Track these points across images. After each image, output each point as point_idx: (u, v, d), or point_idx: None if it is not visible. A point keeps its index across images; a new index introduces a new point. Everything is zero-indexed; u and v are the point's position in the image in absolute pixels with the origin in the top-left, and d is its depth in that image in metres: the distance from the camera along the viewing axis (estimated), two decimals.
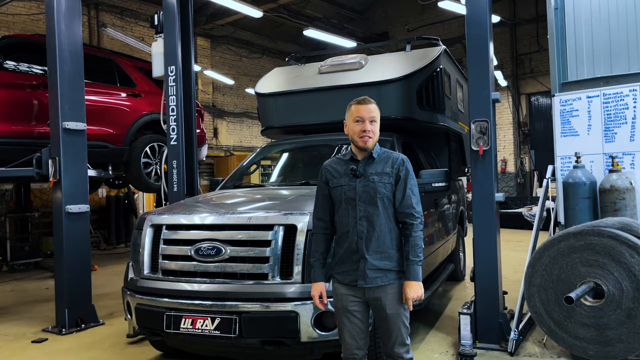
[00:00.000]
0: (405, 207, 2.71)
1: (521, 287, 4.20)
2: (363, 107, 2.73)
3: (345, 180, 2.74)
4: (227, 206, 3.83)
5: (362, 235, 2.67)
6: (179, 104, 5.57)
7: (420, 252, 2.70)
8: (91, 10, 13.44)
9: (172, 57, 5.56)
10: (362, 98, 2.76)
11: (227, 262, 3.33)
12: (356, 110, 2.73)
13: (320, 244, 2.86)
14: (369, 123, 2.70)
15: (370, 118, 2.71)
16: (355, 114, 2.73)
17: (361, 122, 2.71)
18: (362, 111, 2.71)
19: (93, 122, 6.38)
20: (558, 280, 2.46)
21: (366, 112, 2.71)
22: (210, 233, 3.42)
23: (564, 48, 4.20)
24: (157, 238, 3.64)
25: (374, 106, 2.76)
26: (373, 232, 2.66)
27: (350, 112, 2.77)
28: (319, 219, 2.87)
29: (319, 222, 2.87)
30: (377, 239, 2.67)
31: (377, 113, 2.76)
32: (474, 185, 4.34)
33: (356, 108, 2.74)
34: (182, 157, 5.58)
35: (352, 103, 2.79)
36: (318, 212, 2.88)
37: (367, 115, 2.71)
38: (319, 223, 2.87)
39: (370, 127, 2.71)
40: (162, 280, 3.52)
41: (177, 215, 3.63)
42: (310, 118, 5.47)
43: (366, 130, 2.69)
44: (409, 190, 2.72)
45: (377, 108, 2.78)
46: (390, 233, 2.70)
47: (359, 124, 2.71)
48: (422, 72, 5.36)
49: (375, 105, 2.77)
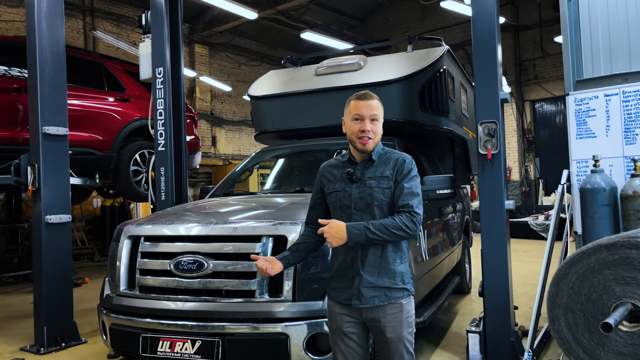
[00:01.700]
0: (403, 208, 2.31)
1: (535, 303, 3.86)
2: (363, 103, 2.38)
3: (340, 186, 2.42)
4: (212, 215, 3.50)
5: (357, 248, 2.34)
6: (167, 107, 5.26)
7: (383, 233, 2.24)
8: (86, 17, 13.22)
9: (160, 59, 5.26)
10: (363, 92, 2.42)
11: (209, 277, 3.00)
12: (355, 107, 2.39)
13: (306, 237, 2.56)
14: (369, 122, 2.36)
15: (371, 116, 2.37)
16: (354, 111, 2.39)
17: (360, 120, 2.37)
18: (362, 108, 2.37)
19: (79, 127, 6.08)
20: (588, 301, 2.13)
21: (367, 109, 2.37)
22: (192, 245, 3.08)
23: (579, 43, 3.89)
24: (135, 251, 3.31)
25: (377, 102, 2.41)
26: (370, 245, 2.33)
27: (349, 109, 2.43)
28: (309, 224, 2.58)
29: (309, 227, 2.57)
30: (374, 252, 2.34)
31: (379, 110, 2.41)
32: (481, 192, 4.01)
33: (355, 104, 2.40)
34: (170, 164, 5.26)
35: (351, 98, 2.44)
36: (309, 217, 2.58)
37: (368, 112, 2.36)
38: (309, 228, 2.57)
39: (371, 126, 2.36)
40: (139, 298, 3.18)
41: (157, 226, 3.30)
42: (306, 122, 5.16)
43: (365, 131, 2.35)
44: (407, 190, 2.34)
45: (380, 104, 2.44)
46: (391, 245, 2.36)
47: (357, 122, 2.37)
48: (425, 73, 5.05)
49: (378, 102, 2.43)
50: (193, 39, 15.73)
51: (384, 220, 2.29)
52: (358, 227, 2.25)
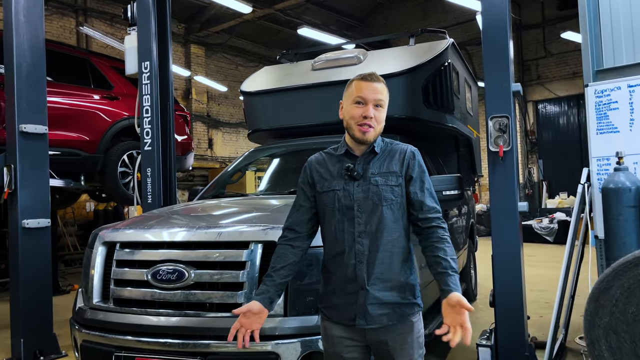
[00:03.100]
0: (428, 212, 2.05)
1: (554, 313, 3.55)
2: (368, 85, 2.03)
3: (339, 183, 2.07)
4: (196, 219, 3.16)
5: (362, 258, 1.99)
6: (154, 104, 4.93)
7: (457, 263, 2.05)
8: (79, 16, 12.91)
9: (146, 52, 4.94)
10: (369, 73, 2.08)
11: (191, 289, 2.66)
12: (358, 89, 2.05)
13: (279, 257, 2.12)
14: (372, 107, 2.02)
15: (375, 101, 2.03)
16: (356, 93, 2.04)
17: (363, 104, 2.03)
18: (365, 90, 2.03)
19: (63, 126, 5.76)
20: (636, 321, 1.81)
21: (371, 92, 2.03)
22: (171, 253, 2.75)
23: (598, 30, 3.57)
24: (110, 259, 2.98)
25: (383, 86, 2.07)
26: (377, 253, 1.99)
27: (350, 91, 2.09)
28: (289, 228, 2.18)
29: (289, 232, 2.17)
30: (382, 262, 2.00)
31: (385, 96, 2.08)
32: (492, 193, 3.68)
33: (358, 85, 2.05)
34: (157, 164, 4.92)
35: (353, 78, 2.11)
36: (290, 219, 2.19)
37: (373, 96, 2.02)
38: (288, 234, 2.17)
39: (375, 112, 2.02)
40: (113, 312, 2.84)
41: (133, 231, 2.97)
42: (302, 119, 4.83)
43: (368, 117, 2.01)
44: (427, 191, 2.07)
45: (387, 90, 2.10)
46: (401, 253, 2.03)
47: (359, 106, 2.03)
48: (429, 66, 4.73)
49: (384, 86, 2.09)
50: (189, 39, 15.42)
51: (449, 256, 2.00)
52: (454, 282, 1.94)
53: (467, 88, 6.49)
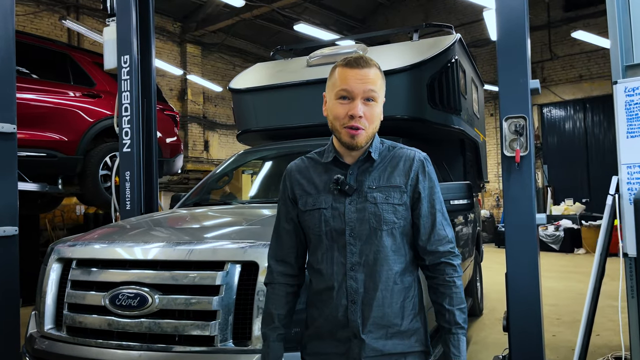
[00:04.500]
0: (438, 243, 1.61)
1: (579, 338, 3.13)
2: (354, 73, 1.55)
3: (326, 200, 1.61)
4: (167, 232, 2.74)
5: (355, 297, 1.56)
6: (134, 102, 4.51)
7: (466, 312, 1.63)
8: (71, 14, 12.53)
9: (126, 45, 4.52)
10: (355, 56, 1.60)
11: (156, 317, 2.24)
12: (342, 78, 1.57)
13: (278, 301, 1.72)
14: (361, 103, 1.55)
15: (365, 93, 1.55)
16: (339, 85, 1.57)
17: (348, 99, 1.56)
18: (352, 80, 1.55)
19: (38, 126, 5.33)
20: None
21: (359, 82, 1.55)
22: (133, 273, 2.32)
23: (627, 21, 3.15)
24: (65, 278, 2.56)
25: (375, 72, 1.59)
26: (375, 292, 1.56)
27: (332, 81, 1.62)
28: (277, 260, 1.75)
29: (278, 265, 1.74)
30: (381, 303, 1.56)
31: (379, 85, 1.59)
32: (507, 204, 3.26)
33: (342, 74, 1.57)
34: (137, 167, 4.50)
35: (336, 64, 1.63)
36: (277, 248, 1.76)
37: (361, 87, 1.54)
38: (278, 267, 1.74)
39: (365, 109, 1.56)
40: (65, 342, 2.42)
41: (92, 246, 2.55)
42: (295, 119, 4.42)
43: (355, 117, 1.54)
44: (439, 214, 1.63)
45: (381, 76, 1.63)
46: (404, 290, 1.59)
47: (344, 103, 1.56)
48: (434, 62, 4.32)
49: (378, 71, 1.62)
50: (185, 39, 15.03)
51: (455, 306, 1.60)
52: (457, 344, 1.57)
53: (474, 88, 6.08)
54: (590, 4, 13.76)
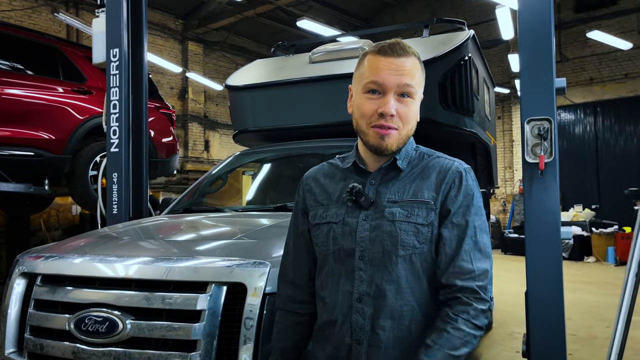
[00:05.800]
0: (456, 276, 1.26)
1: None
2: (388, 62, 1.28)
3: (338, 213, 1.33)
4: (145, 245, 2.43)
5: (360, 336, 1.25)
6: (123, 98, 4.20)
7: None
8: (70, 9, 12.26)
9: (115, 38, 4.22)
10: (390, 42, 1.30)
11: (126, 346, 1.92)
12: (372, 68, 1.29)
13: (283, 332, 1.43)
14: (394, 99, 1.28)
15: (400, 88, 1.28)
16: (369, 76, 1.29)
17: (379, 94, 1.29)
18: (384, 71, 1.27)
19: (22, 123, 5.03)
20: None
21: (392, 74, 1.27)
22: (102, 294, 2.01)
23: None
24: (29, 296, 2.25)
25: (413, 61, 1.31)
26: (386, 331, 1.24)
27: (361, 71, 1.33)
28: (287, 281, 1.45)
29: (287, 288, 1.45)
30: (392, 346, 1.24)
31: (417, 78, 1.32)
32: (528, 214, 2.94)
33: (373, 62, 1.30)
34: (126, 169, 4.20)
35: (367, 51, 1.34)
36: (288, 269, 1.46)
37: (395, 80, 1.27)
38: (287, 291, 1.45)
39: (398, 106, 1.29)
40: None
41: (59, 260, 2.23)
42: (296, 119, 4.10)
43: (386, 115, 1.27)
44: (470, 240, 1.28)
45: (420, 66, 1.34)
46: (423, 330, 1.26)
47: (373, 97, 1.29)
48: (446, 60, 4.01)
49: (416, 60, 1.33)
50: (186, 36, 14.73)
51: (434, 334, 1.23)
52: None
53: (486, 89, 5.77)
54: (602, 5, 13.40)
